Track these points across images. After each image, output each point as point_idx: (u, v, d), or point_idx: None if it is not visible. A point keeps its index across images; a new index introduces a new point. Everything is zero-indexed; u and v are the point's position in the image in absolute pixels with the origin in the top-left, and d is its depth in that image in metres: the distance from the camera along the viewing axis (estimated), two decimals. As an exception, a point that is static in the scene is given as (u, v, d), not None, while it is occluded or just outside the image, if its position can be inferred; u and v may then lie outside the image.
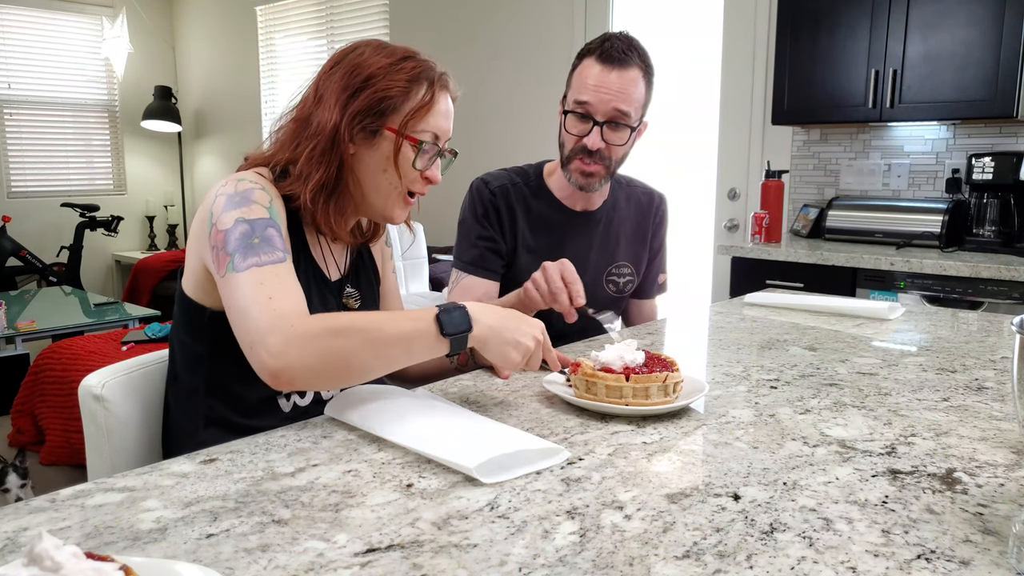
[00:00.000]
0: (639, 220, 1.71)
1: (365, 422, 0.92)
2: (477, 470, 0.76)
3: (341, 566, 0.61)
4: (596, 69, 1.47)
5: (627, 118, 1.48)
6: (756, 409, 1.01)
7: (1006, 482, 0.78)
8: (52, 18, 5.77)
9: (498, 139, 4.22)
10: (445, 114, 1.16)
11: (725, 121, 3.54)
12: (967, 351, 1.34)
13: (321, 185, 1.11)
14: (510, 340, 0.99)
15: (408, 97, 1.11)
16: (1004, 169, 2.70)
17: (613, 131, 1.49)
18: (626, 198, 1.71)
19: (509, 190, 1.60)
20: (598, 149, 1.49)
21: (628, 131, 1.50)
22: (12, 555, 0.62)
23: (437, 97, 1.13)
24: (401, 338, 0.95)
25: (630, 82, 1.47)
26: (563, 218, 1.63)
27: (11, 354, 3.50)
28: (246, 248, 0.99)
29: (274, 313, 0.93)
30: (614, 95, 1.46)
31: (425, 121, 1.12)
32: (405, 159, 1.12)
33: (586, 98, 1.47)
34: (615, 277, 1.68)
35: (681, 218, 3.75)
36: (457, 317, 0.96)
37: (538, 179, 1.65)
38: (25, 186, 5.74)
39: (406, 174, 1.14)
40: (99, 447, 1.12)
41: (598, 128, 1.48)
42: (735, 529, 0.67)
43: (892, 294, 2.60)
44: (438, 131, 1.15)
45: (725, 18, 3.47)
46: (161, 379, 1.20)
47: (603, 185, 1.58)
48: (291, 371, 0.91)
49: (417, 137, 1.12)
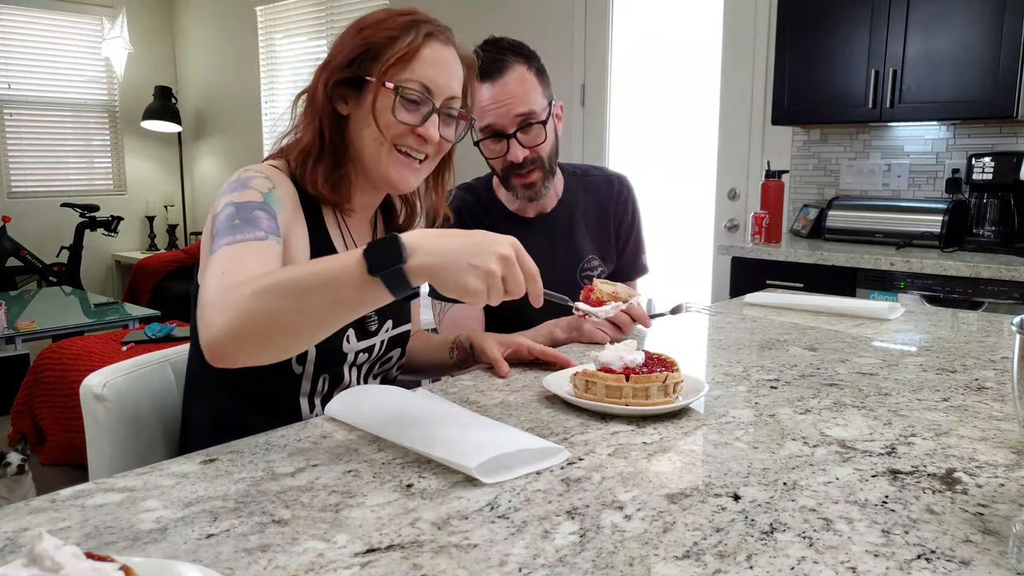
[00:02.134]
0: (599, 210, 1.68)
1: (365, 422, 0.92)
2: (477, 470, 0.76)
3: (341, 566, 0.61)
4: (481, 89, 1.45)
5: (533, 116, 1.47)
6: (756, 409, 1.01)
7: (1006, 482, 0.78)
8: (52, 18, 5.76)
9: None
10: (437, 65, 1.07)
11: (725, 121, 3.54)
12: (967, 351, 1.34)
13: (307, 148, 1.08)
14: (462, 265, 0.80)
15: (391, 44, 1.05)
16: (1004, 169, 2.70)
17: (528, 134, 1.48)
18: (584, 189, 1.68)
19: (462, 211, 1.59)
20: (524, 157, 1.48)
21: (541, 127, 1.49)
22: (12, 555, 0.62)
23: (425, 45, 1.06)
24: (323, 283, 0.81)
25: (517, 83, 1.46)
26: (519, 228, 1.59)
27: (11, 354, 3.50)
28: (226, 229, 0.95)
29: (216, 287, 0.86)
30: (508, 103, 1.45)
31: (410, 69, 1.05)
32: (383, 108, 1.05)
33: (488, 120, 1.47)
34: (589, 271, 1.66)
35: (681, 218, 3.76)
36: (389, 248, 0.80)
37: (488, 192, 1.64)
38: (25, 186, 5.73)
39: (388, 126, 1.06)
40: (100, 447, 1.12)
41: (514, 140, 1.47)
42: (735, 529, 0.67)
43: (892, 294, 2.60)
44: (427, 82, 1.07)
45: (725, 18, 3.47)
46: (163, 378, 1.20)
47: (549, 186, 1.56)
48: (221, 342, 0.82)
49: (396, 83, 1.05)
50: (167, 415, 1.21)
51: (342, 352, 1.14)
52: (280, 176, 1.08)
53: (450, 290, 0.81)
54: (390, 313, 1.23)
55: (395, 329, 1.24)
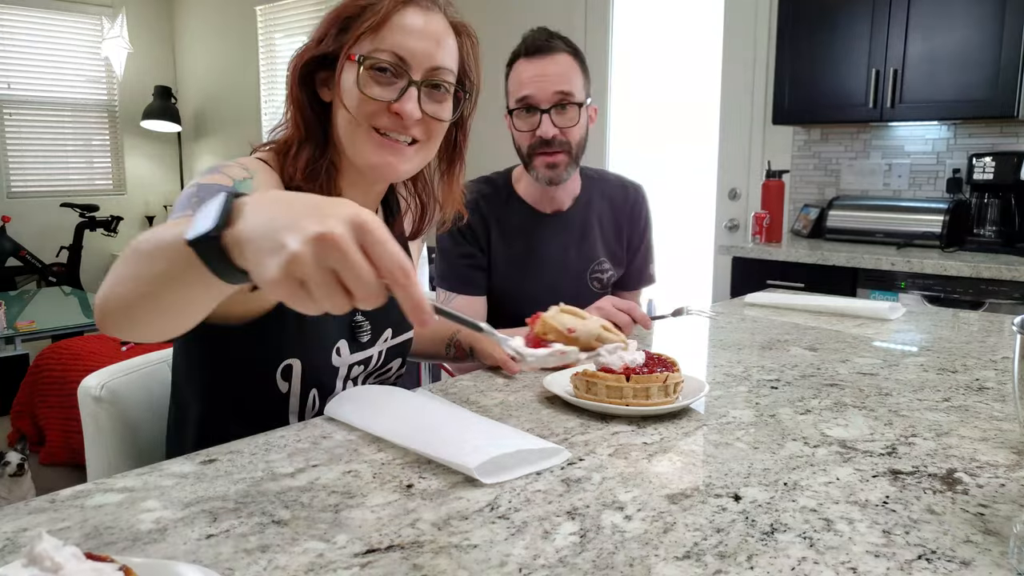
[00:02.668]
0: (614, 215, 1.70)
1: (365, 422, 0.91)
2: (477, 470, 0.76)
3: (341, 567, 0.61)
4: (525, 64, 1.50)
5: (570, 96, 1.49)
6: (757, 409, 1.01)
7: (1007, 482, 0.77)
8: (52, 18, 5.77)
9: (497, 139, 4.21)
10: (413, 32, 0.95)
11: (725, 121, 3.53)
12: (968, 351, 1.34)
13: (288, 138, 1.01)
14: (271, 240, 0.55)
15: (362, 14, 0.95)
16: (1005, 169, 2.70)
17: (561, 114, 1.50)
18: (600, 193, 1.69)
19: (479, 202, 1.59)
20: (553, 136, 1.49)
21: (576, 109, 1.51)
22: (12, 555, 0.62)
23: (398, 11, 0.95)
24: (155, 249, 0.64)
25: (561, 64, 1.49)
26: (536, 223, 1.62)
27: (11, 354, 3.50)
28: (182, 207, 0.87)
29: None
30: (550, 79, 1.48)
31: (380, 38, 0.94)
32: (348, 83, 0.95)
33: (525, 92, 1.49)
34: (598, 274, 1.67)
35: (681, 218, 3.76)
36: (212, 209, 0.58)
37: (507, 186, 1.64)
38: (25, 186, 5.73)
39: (359, 103, 0.95)
40: (100, 449, 1.11)
41: (547, 115, 1.49)
42: (736, 530, 0.67)
43: (893, 294, 2.59)
44: (401, 51, 0.95)
45: (725, 18, 3.47)
46: (161, 379, 1.20)
47: (570, 173, 1.57)
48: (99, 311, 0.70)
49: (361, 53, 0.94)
50: (167, 416, 1.20)
51: (332, 366, 1.07)
52: (263, 168, 0.99)
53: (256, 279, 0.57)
54: (389, 320, 1.13)
55: (395, 338, 1.16)
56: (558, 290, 1.62)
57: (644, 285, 1.79)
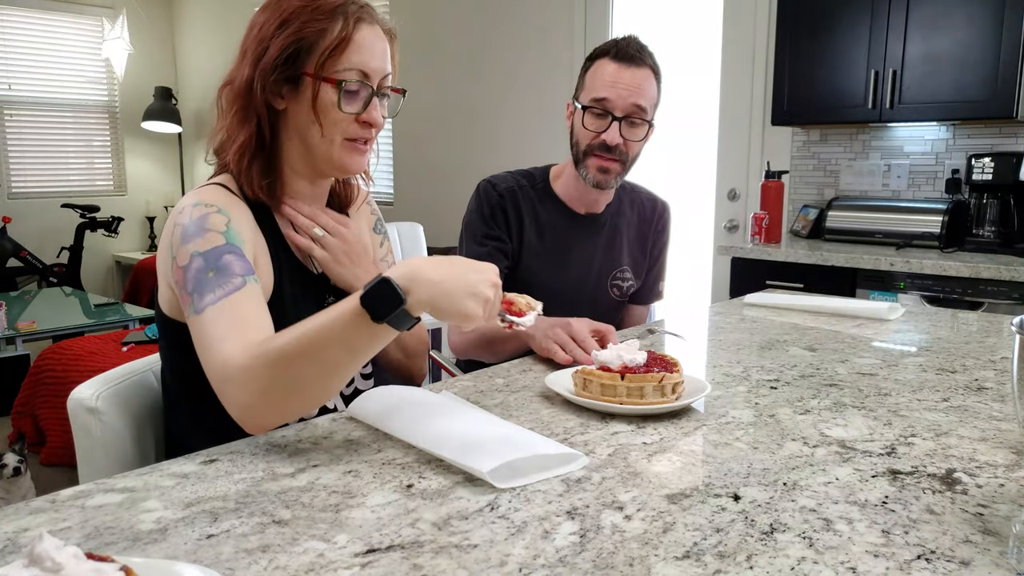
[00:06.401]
0: (641, 226, 1.73)
1: (382, 422, 0.91)
2: (490, 475, 0.75)
3: (341, 567, 0.61)
4: (612, 67, 1.50)
5: (644, 114, 1.52)
6: (756, 409, 1.01)
7: (1006, 482, 0.78)
8: (52, 19, 5.76)
9: (497, 140, 4.22)
10: (370, 48, 1.06)
11: (725, 122, 3.54)
12: (967, 351, 1.34)
13: (244, 147, 1.06)
14: (461, 294, 0.87)
15: (323, 36, 1.04)
16: (1004, 169, 2.70)
17: (631, 127, 1.52)
18: (630, 203, 1.73)
19: (516, 192, 1.62)
20: (616, 145, 1.51)
21: (645, 127, 1.54)
22: (12, 555, 0.62)
23: (356, 30, 1.05)
24: (337, 342, 0.86)
25: (645, 79, 1.51)
26: (569, 222, 1.64)
27: (11, 355, 3.50)
28: (202, 285, 0.95)
29: (221, 361, 0.90)
30: (632, 91, 1.49)
31: (345, 58, 1.04)
32: (327, 103, 1.05)
33: (604, 95, 1.50)
34: (619, 281, 1.69)
35: (681, 219, 3.75)
36: (385, 295, 0.84)
37: (544, 182, 1.66)
38: (25, 187, 5.73)
39: (334, 122, 1.06)
40: (92, 459, 1.09)
41: (617, 124, 1.50)
42: (735, 529, 0.67)
43: (892, 294, 2.60)
44: (365, 68, 1.06)
45: (725, 18, 3.47)
46: (152, 387, 1.18)
47: (617, 183, 1.60)
48: (253, 416, 0.88)
49: (336, 77, 1.04)
50: (162, 421, 1.19)
51: None
52: (230, 200, 1.05)
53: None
54: None
55: None
56: (583, 288, 1.63)
57: (653, 300, 1.82)
